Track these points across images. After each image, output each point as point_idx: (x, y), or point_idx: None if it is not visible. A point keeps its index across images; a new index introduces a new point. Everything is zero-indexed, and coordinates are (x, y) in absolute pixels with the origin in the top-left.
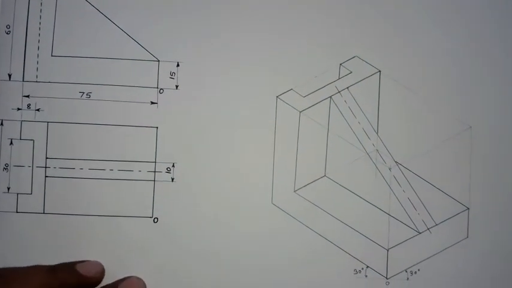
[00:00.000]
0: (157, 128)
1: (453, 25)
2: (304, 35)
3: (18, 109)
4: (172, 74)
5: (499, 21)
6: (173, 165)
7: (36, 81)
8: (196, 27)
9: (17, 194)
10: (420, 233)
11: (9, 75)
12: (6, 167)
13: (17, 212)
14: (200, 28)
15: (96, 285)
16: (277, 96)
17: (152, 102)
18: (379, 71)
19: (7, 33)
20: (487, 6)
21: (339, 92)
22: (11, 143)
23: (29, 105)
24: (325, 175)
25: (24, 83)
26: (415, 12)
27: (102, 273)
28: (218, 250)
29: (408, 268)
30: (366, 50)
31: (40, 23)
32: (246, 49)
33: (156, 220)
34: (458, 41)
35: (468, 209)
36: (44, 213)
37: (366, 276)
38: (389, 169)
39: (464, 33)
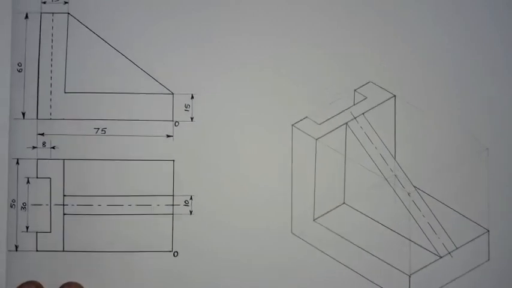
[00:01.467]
0: (173, 160)
1: (470, 49)
2: (318, 63)
3: (34, 147)
4: (187, 106)
5: None
6: (191, 198)
7: (50, 119)
8: (210, 59)
9: (36, 232)
10: (441, 257)
11: (23, 114)
12: (24, 206)
13: (37, 250)
14: (213, 60)
15: None
16: (292, 125)
17: (168, 136)
18: (394, 96)
19: (19, 71)
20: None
21: (355, 118)
22: (28, 181)
23: (44, 143)
24: (344, 202)
25: (38, 120)
26: (429, 36)
27: None
28: (240, 283)
29: None
30: (380, 75)
31: (52, 60)
32: (259, 79)
33: (176, 254)
34: (475, 65)
35: (488, 231)
36: (63, 251)
37: None
38: (409, 194)
39: (481, 56)
